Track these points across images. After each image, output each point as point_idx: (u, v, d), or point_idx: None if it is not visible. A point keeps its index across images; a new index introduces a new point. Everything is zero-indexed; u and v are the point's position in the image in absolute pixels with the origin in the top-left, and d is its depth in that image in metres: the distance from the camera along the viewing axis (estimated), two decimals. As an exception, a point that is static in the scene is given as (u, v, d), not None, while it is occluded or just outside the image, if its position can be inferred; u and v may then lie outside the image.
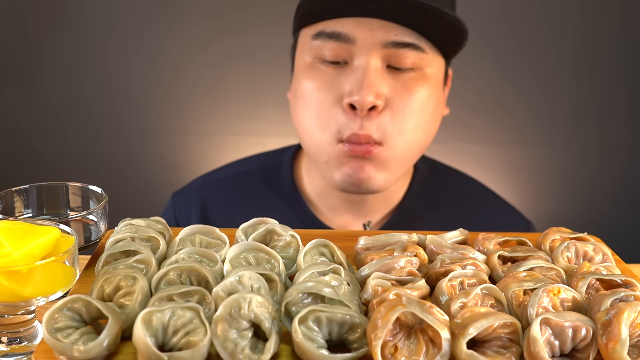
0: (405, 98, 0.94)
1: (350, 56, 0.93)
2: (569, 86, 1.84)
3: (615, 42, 1.81)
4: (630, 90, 1.84)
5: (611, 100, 1.85)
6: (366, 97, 0.90)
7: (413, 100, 0.94)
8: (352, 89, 0.92)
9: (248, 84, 1.81)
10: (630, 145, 1.88)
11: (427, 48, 0.94)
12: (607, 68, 1.82)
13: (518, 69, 1.82)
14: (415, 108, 0.94)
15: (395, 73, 0.94)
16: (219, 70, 1.82)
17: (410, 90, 0.94)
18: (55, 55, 1.81)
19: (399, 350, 0.52)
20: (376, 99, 0.91)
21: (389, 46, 0.92)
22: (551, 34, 1.80)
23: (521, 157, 1.89)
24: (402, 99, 0.94)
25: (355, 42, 0.92)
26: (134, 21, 1.80)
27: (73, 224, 0.71)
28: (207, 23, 1.79)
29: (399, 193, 1.09)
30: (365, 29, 0.92)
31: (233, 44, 1.78)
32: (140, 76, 1.84)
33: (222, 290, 0.57)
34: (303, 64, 0.98)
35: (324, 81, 0.95)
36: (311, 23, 0.97)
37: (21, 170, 1.88)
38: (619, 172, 1.89)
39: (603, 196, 1.91)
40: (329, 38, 0.93)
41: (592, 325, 0.53)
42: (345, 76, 0.93)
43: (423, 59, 0.94)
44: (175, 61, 1.83)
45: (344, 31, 0.93)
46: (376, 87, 0.91)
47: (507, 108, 1.85)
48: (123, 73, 1.84)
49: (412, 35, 0.93)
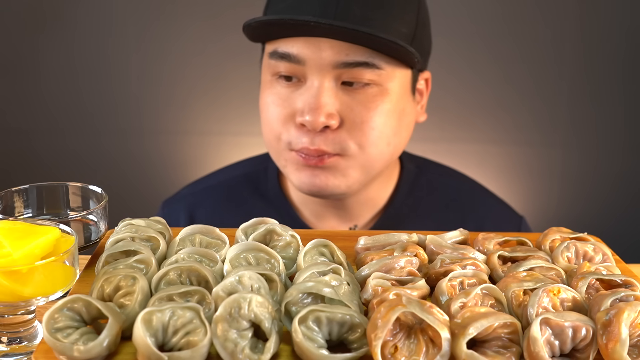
0: (362, 115, 0.91)
1: (304, 75, 0.92)
2: (569, 86, 1.84)
3: (615, 42, 1.81)
4: (630, 91, 1.84)
5: (611, 101, 1.85)
6: (318, 118, 0.89)
7: (371, 116, 0.92)
8: (304, 108, 0.91)
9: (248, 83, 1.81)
10: (630, 145, 1.88)
11: (384, 64, 0.91)
12: (607, 68, 1.82)
13: (518, 69, 1.82)
14: (374, 124, 0.92)
15: (351, 90, 0.91)
16: (219, 70, 1.82)
17: (368, 106, 0.91)
18: (55, 55, 1.81)
19: (399, 350, 0.52)
20: (328, 119, 0.90)
21: (341, 66, 0.89)
22: (551, 34, 1.80)
23: (521, 157, 1.89)
24: (359, 116, 0.91)
25: (306, 63, 0.90)
26: (133, 21, 1.80)
27: (73, 224, 0.71)
28: (206, 22, 1.79)
29: (384, 195, 1.07)
30: (315, 49, 0.89)
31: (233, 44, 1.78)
32: (140, 76, 1.84)
33: (222, 290, 0.57)
34: (264, 80, 0.97)
35: (279, 97, 0.94)
36: (265, 41, 0.96)
37: (21, 170, 1.88)
38: (619, 172, 1.89)
39: (603, 196, 1.91)
40: (281, 58, 0.92)
41: (592, 325, 0.53)
42: (299, 94, 0.92)
43: (380, 75, 0.91)
44: (175, 61, 1.83)
45: (293, 52, 0.90)
46: (328, 108, 0.90)
47: (507, 108, 1.85)
48: (123, 73, 1.84)
49: (365, 53, 0.89)
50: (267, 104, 0.96)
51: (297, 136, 0.93)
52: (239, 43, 1.80)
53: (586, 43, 1.81)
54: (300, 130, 0.92)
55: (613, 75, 1.83)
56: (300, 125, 0.92)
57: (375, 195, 1.06)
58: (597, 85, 1.84)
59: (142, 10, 1.79)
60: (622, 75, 1.83)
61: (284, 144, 0.95)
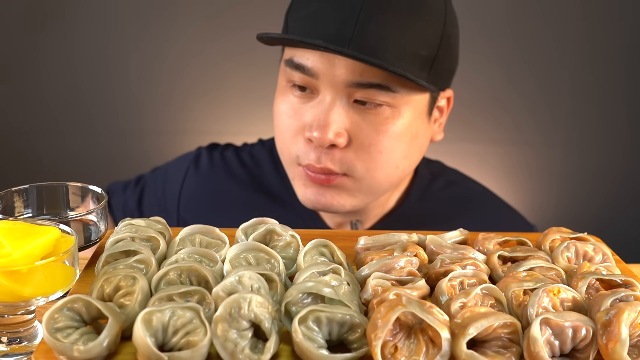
0: (371, 137, 0.89)
1: (317, 89, 0.90)
2: (569, 86, 1.84)
3: (615, 42, 1.81)
4: (630, 91, 1.84)
5: (611, 101, 1.85)
6: (325, 135, 0.87)
7: (380, 139, 0.89)
8: (313, 123, 0.89)
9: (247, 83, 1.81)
10: (630, 145, 1.88)
11: (399, 87, 0.87)
12: (608, 68, 1.82)
13: (518, 69, 1.82)
14: (382, 147, 0.90)
15: (363, 110, 0.89)
16: (218, 70, 1.82)
17: (378, 129, 0.89)
18: (55, 55, 1.81)
19: (399, 350, 0.52)
20: (336, 138, 0.88)
21: (354, 86, 0.87)
22: (552, 34, 1.80)
23: (521, 157, 1.89)
24: (368, 137, 0.89)
25: (319, 78, 0.88)
26: (133, 21, 1.79)
27: (73, 224, 0.71)
28: (206, 22, 1.79)
29: (393, 200, 1.06)
30: (329, 65, 0.87)
31: (232, 44, 1.78)
32: (140, 76, 1.84)
33: (222, 290, 0.57)
34: (280, 84, 0.96)
35: (291, 108, 0.93)
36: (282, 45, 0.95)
37: (21, 170, 1.88)
38: (619, 172, 1.90)
39: (603, 196, 1.91)
40: (295, 69, 0.90)
41: (592, 325, 0.53)
42: (310, 107, 0.91)
43: (394, 97, 0.88)
44: (174, 61, 1.83)
45: (308, 65, 0.88)
46: (337, 126, 0.88)
47: (507, 108, 1.86)
48: (122, 73, 1.84)
49: (380, 76, 0.86)
50: (280, 113, 0.95)
51: (304, 151, 0.91)
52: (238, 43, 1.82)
53: (587, 43, 1.81)
54: (308, 145, 0.91)
55: (613, 75, 1.83)
56: (308, 140, 0.91)
57: (384, 200, 1.05)
58: (597, 85, 1.84)
59: (141, 10, 1.79)
60: (622, 75, 1.83)
61: (293, 157, 0.94)
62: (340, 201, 0.94)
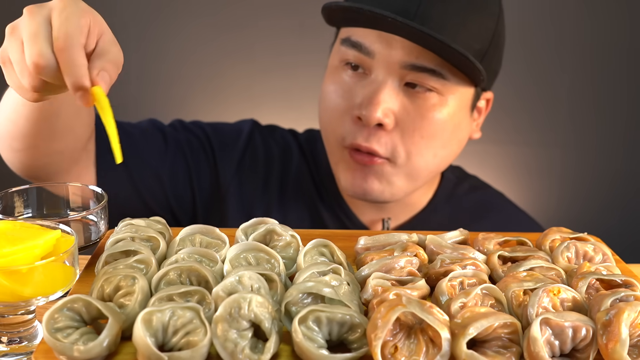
0: (416, 121, 0.91)
1: (370, 68, 0.92)
2: (568, 87, 1.84)
3: (615, 43, 1.81)
4: (629, 91, 1.84)
5: (610, 101, 1.85)
6: (374, 113, 0.89)
7: (424, 125, 0.92)
8: (363, 102, 0.91)
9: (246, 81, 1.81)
10: (629, 145, 1.88)
11: (450, 75, 0.90)
12: (607, 69, 1.82)
13: (518, 70, 1.82)
14: (426, 133, 0.92)
15: (413, 93, 0.91)
16: (217, 70, 1.82)
17: (424, 114, 0.91)
18: (55, 55, 1.80)
19: (399, 350, 0.52)
20: (384, 117, 0.90)
21: (408, 68, 0.89)
22: (551, 35, 1.80)
23: (521, 157, 1.89)
24: (414, 122, 0.92)
25: (375, 57, 0.90)
26: (132, 21, 1.79)
27: (73, 224, 0.71)
28: (205, 22, 1.79)
29: (422, 201, 1.08)
30: (386, 45, 0.89)
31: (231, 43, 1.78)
32: (139, 75, 1.84)
33: (222, 290, 0.57)
34: (331, 64, 0.98)
35: (341, 88, 0.94)
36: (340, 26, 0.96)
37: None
38: (618, 172, 1.90)
39: (603, 196, 1.91)
40: (352, 47, 0.92)
41: (592, 325, 0.53)
42: (362, 87, 0.92)
43: (444, 85, 0.91)
44: (174, 60, 1.83)
45: (365, 44, 0.91)
46: (386, 105, 0.90)
47: (506, 108, 1.85)
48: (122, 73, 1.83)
49: (434, 60, 0.89)
50: (328, 92, 0.96)
51: (351, 131, 0.93)
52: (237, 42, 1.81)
53: (585, 44, 1.81)
54: (356, 124, 0.92)
55: (612, 76, 1.83)
56: (356, 119, 0.92)
57: (415, 200, 1.06)
58: (596, 85, 1.84)
59: (141, 10, 1.79)
60: (620, 76, 1.83)
61: (339, 138, 0.95)
62: (380, 187, 0.95)
